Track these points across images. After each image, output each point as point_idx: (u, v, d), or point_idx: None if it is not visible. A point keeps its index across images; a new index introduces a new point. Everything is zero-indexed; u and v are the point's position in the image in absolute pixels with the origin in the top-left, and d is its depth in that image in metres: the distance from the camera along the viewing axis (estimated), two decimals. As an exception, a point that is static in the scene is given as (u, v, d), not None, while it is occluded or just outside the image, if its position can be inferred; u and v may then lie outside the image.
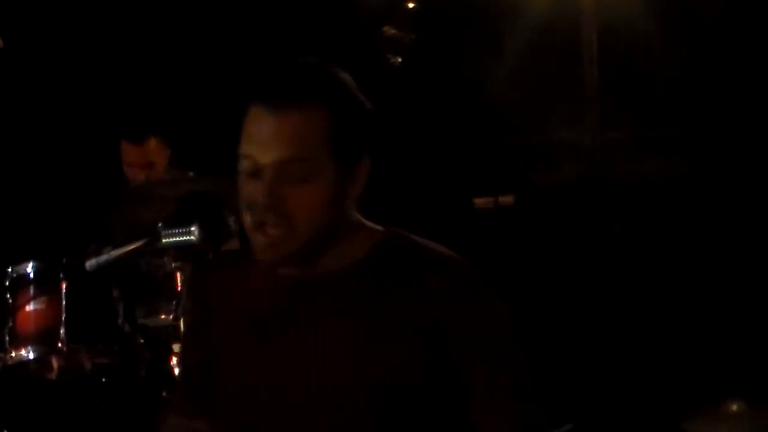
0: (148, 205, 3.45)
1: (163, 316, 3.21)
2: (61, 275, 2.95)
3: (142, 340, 3.12)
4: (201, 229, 1.40)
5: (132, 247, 1.41)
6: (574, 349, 4.07)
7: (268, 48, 4.42)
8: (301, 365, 1.48)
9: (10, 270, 3.03)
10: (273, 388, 1.49)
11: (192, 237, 1.38)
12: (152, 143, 3.62)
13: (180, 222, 1.40)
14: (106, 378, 3.05)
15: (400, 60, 4.72)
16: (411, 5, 4.80)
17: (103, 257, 1.40)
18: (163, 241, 1.40)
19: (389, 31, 4.75)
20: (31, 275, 3.00)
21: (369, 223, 1.55)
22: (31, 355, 2.95)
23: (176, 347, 3.00)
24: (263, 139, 1.43)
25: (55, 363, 2.95)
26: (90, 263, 1.39)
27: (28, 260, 3.04)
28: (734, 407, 2.65)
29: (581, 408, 3.61)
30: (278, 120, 1.42)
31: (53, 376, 2.95)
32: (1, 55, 3.53)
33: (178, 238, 1.40)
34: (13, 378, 2.94)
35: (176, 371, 2.97)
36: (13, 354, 2.95)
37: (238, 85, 1.54)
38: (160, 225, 1.40)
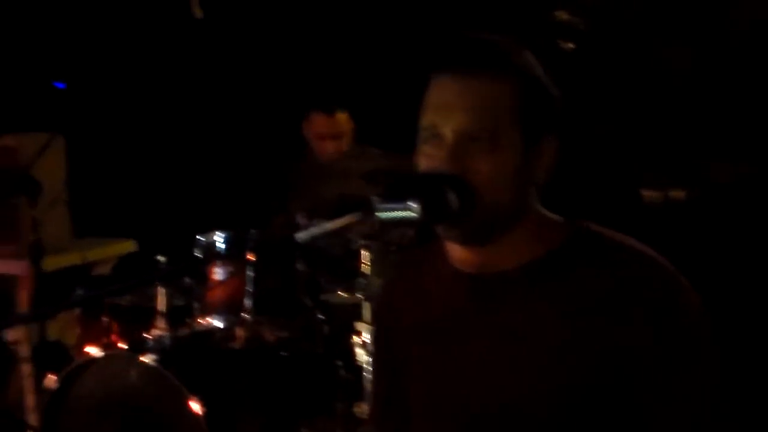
0: (332, 180, 3.48)
1: (343, 294, 3.22)
2: (249, 246, 3.00)
3: (321, 316, 3.14)
4: (423, 205, 1.32)
5: (346, 220, 1.35)
6: None
7: (442, 28, 4.36)
8: (479, 370, 1.40)
9: (200, 239, 3.11)
10: (453, 392, 1.43)
11: (412, 213, 1.31)
12: (342, 115, 3.69)
13: (399, 197, 1.33)
14: (286, 351, 3.08)
15: (572, 46, 4.56)
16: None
17: (315, 229, 1.34)
18: (380, 215, 1.33)
19: (562, 15, 4.59)
20: (220, 245, 3.07)
21: (553, 216, 1.44)
22: (218, 324, 3.02)
23: (358, 326, 3.00)
24: (446, 107, 1.36)
25: (240, 333, 3.00)
26: (301, 235, 1.34)
27: (216, 230, 3.11)
28: None
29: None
30: (462, 87, 1.36)
31: (237, 345, 3.00)
32: (200, 27, 3.62)
33: (396, 213, 1.34)
34: (200, 345, 3.00)
35: (356, 350, 2.96)
36: (202, 321, 3.03)
37: (416, 60, 1.48)
38: (375, 199, 1.34)
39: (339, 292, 3.22)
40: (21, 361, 3.57)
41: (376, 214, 1.34)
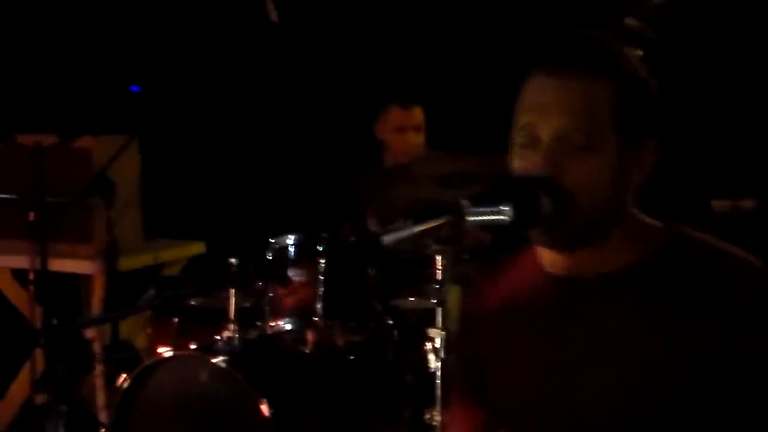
0: (402, 184, 3.45)
1: (414, 299, 3.19)
2: (320, 250, 3.00)
3: (390, 322, 3.11)
4: (515, 209, 1.29)
5: (434, 223, 1.33)
6: None
7: (511, 31, 4.31)
8: (564, 372, 1.36)
9: (272, 241, 3.11)
10: (537, 392, 1.40)
11: (504, 217, 1.28)
12: (418, 108, 3.69)
13: (491, 200, 1.30)
14: (355, 356, 3.06)
15: (640, 53, 4.48)
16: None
17: (402, 233, 1.32)
18: (470, 219, 1.30)
19: (631, 22, 4.51)
20: (292, 248, 3.07)
21: (651, 220, 1.40)
22: (289, 327, 3.02)
23: (430, 332, 2.95)
24: (542, 107, 1.33)
25: (310, 336, 2.99)
26: (388, 238, 1.32)
27: (289, 233, 3.11)
28: None
29: None
30: (560, 86, 1.32)
31: (307, 349, 2.99)
32: (275, 31, 3.64)
33: (487, 217, 1.31)
34: (270, 347, 3.00)
35: (429, 358, 2.91)
36: (273, 324, 3.03)
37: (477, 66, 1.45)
38: (464, 202, 1.31)
39: (409, 297, 3.19)
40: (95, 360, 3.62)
41: (466, 217, 1.32)
